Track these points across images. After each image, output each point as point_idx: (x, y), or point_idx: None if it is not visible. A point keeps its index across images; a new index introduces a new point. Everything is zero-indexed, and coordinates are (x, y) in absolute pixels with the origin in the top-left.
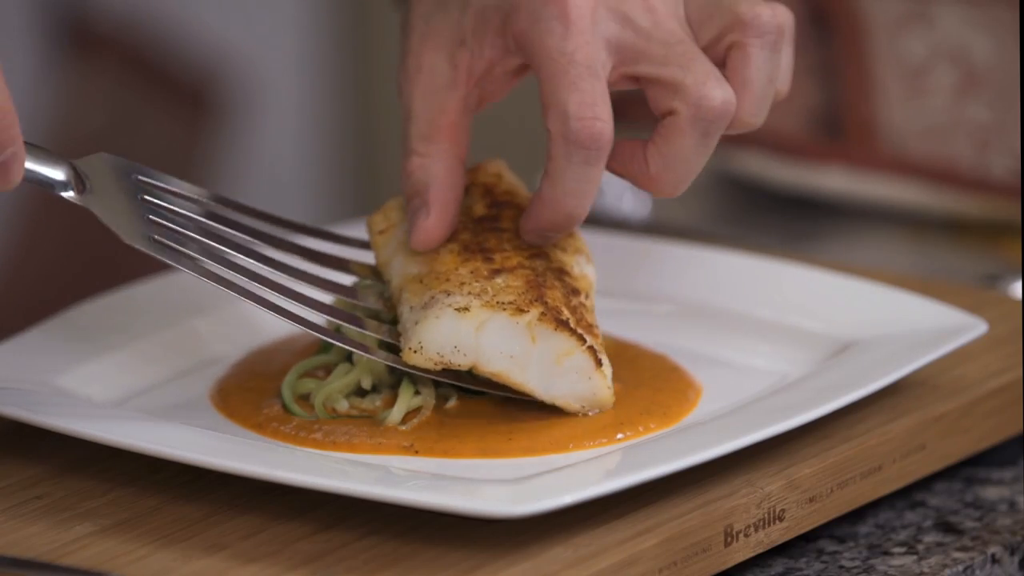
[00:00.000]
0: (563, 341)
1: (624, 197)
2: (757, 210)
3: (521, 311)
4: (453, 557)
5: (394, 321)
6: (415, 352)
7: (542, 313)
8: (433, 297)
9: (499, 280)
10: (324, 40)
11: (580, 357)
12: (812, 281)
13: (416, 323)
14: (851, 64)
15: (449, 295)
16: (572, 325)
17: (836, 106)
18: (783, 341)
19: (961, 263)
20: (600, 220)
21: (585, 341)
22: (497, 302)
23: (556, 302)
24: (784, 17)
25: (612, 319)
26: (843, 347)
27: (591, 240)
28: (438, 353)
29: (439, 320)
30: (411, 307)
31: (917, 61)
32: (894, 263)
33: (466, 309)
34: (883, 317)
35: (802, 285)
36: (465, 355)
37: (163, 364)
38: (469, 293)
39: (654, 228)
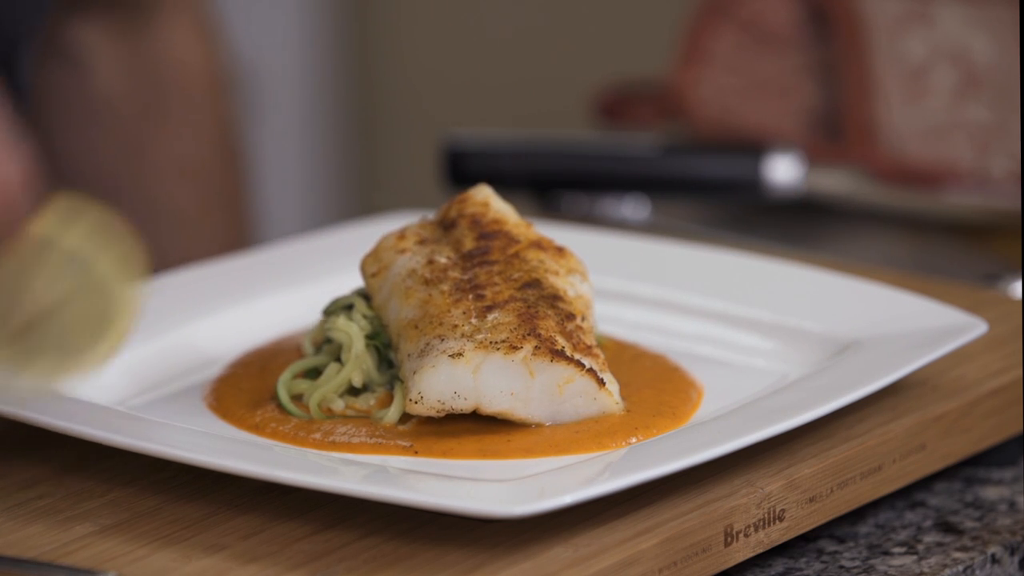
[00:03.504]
0: (561, 370)
1: (624, 200)
2: (757, 210)
3: (515, 348)
4: (453, 557)
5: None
6: (416, 403)
7: (536, 347)
8: (428, 344)
9: (491, 317)
10: (324, 41)
11: (582, 382)
12: (812, 281)
13: (414, 373)
14: (851, 64)
15: (443, 340)
16: (568, 353)
17: (836, 107)
18: (783, 341)
19: (961, 263)
20: (600, 221)
21: (584, 366)
22: (490, 342)
23: (550, 332)
24: None
25: (612, 319)
26: (843, 347)
27: (592, 241)
28: (439, 401)
29: (435, 369)
30: (409, 354)
31: (917, 61)
32: (894, 263)
33: (460, 354)
34: (883, 317)
35: (802, 285)
36: (466, 399)
37: (159, 366)
38: (462, 336)
39: (654, 229)
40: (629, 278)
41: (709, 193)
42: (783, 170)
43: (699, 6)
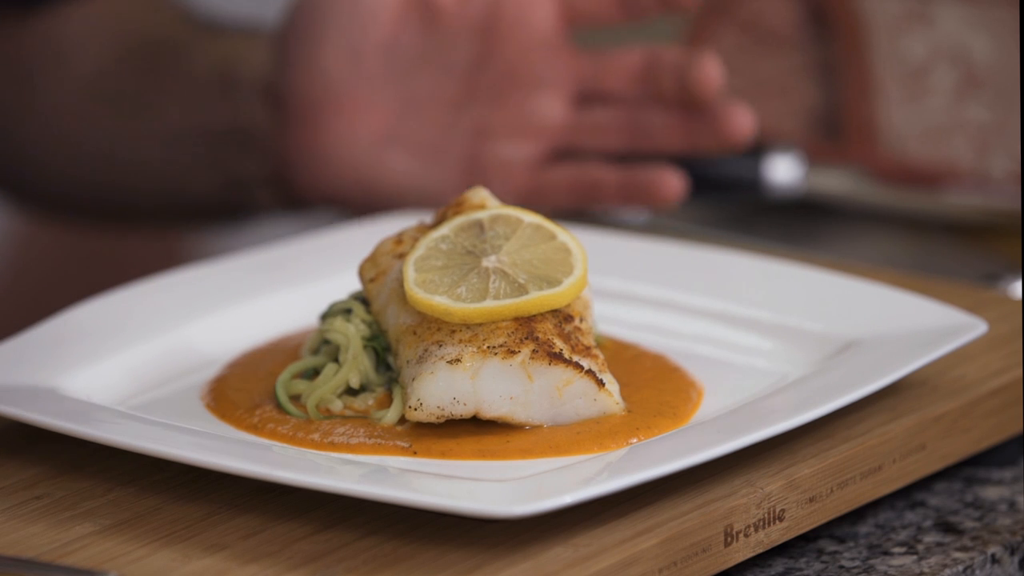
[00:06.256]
0: (560, 373)
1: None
2: (757, 210)
3: (512, 352)
4: (453, 557)
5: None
6: (415, 410)
7: (533, 351)
8: (426, 350)
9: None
10: None
11: (581, 383)
12: (812, 281)
13: (413, 379)
14: (851, 64)
15: (441, 346)
16: (566, 355)
17: (836, 107)
18: (783, 341)
19: (961, 263)
20: (600, 221)
21: (582, 367)
22: (488, 347)
23: (547, 335)
24: None
25: (612, 320)
26: (843, 347)
27: (591, 241)
28: (438, 407)
29: (434, 375)
30: (408, 360)
31: (917, 61)
32: (894, 263)
33: (458, 360)
34: (883, 317)
35: (802, 285)
36: (465, 404)
37: (158, 366)
38: (460, 341)
39: (654, 228)
40: (629, 278)
41: (709, 193)
42: (783, 170)
43: (699, 6)
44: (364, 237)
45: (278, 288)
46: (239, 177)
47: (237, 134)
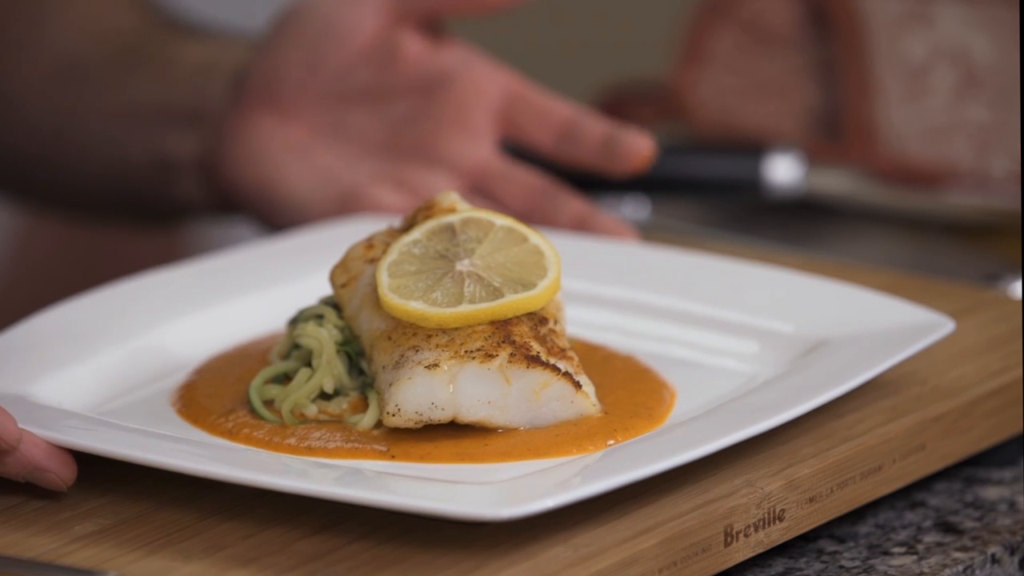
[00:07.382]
0: (537, 376)
1: (624, 200)
2: (757, 210)
3: (490, 356)
4: (452, 557)
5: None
6: (393, 416)
7: (511, 354)
8: (403, 355)
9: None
10: None
11: (558, 386)
12: (778, 281)
13: (390, 385)
14: (851, 64)
15: (418, 351)
16: (544, 358)
17: (836, 107)
18: (752, 341)
19: (961, 263)
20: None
21: (559, 370)
22: (465, 351)
23: (524, 337)
24: None
25: (577, 322)
26: (812, 347)
27: (556, 244)
28: (416, 412)
29: (411, 381)
30: (384, 366)
31: (917, 61)
32: (894, 263)
33: (436, 365)
34: (852, 317)
35: (768, 285)
36: (444, 409)
37: (124, 372)
38: (437, 346)
39: (653, 228)
40: (594, 280)
41: (709, 193)
42: (783, 170)
43: (699, 6)
44: (328, 240)
45: (242, 292)
46: (170, 157)
47: (188, 111)
